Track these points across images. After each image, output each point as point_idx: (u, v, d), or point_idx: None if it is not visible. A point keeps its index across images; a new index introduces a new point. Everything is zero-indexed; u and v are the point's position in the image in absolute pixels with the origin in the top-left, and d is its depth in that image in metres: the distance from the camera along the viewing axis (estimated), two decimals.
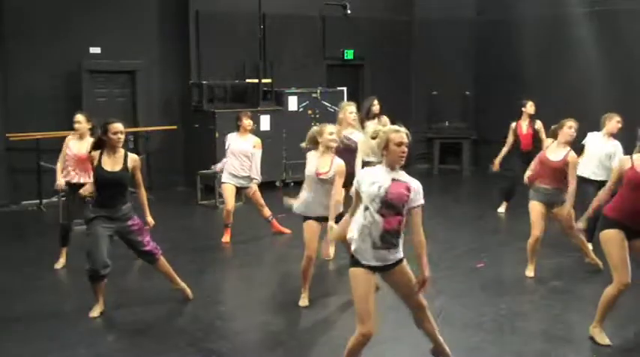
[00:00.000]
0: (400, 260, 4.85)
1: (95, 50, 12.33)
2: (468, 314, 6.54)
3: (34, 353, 5.76)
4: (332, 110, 13.63)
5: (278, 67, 13.67)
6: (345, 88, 14.10)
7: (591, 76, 13.00)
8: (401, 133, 4.73)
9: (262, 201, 9.40)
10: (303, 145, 6.92)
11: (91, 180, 6.83)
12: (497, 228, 10.18)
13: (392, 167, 4.74)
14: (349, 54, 14.87)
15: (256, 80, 13.22)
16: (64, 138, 11.77)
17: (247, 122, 9.28)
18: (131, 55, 12.57)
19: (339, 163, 6.66)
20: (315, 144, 6.75)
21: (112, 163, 6.42)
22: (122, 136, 6.43)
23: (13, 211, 11.46)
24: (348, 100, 14.09)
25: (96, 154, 6.44)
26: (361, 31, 14.74)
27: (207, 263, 8.46)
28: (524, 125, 10.54)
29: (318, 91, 13.67)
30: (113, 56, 12.37)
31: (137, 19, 12.70)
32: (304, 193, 6.78)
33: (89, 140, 7.47)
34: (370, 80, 15.14)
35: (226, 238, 9.24)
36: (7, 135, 11.48)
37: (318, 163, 6.66)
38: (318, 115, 13.44)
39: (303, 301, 6.76)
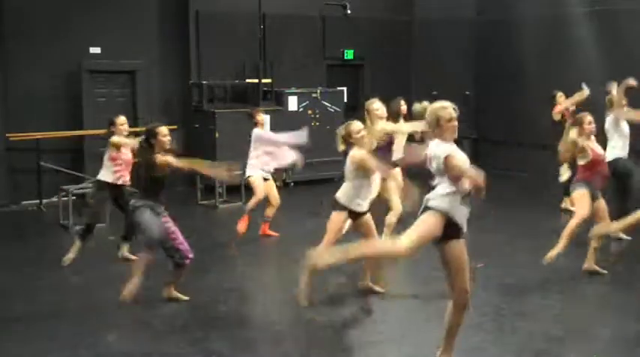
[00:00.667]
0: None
1: (95, 50, 12.34)
2: (468, 314, 6.53)
3: (34, 353, 5.76)
4: (332, 110, 13.66)
5: (278, 67, 13.67)
6: (345, 88, 14.11)
7: (591, 76, 12.99)
8: (449, 109, 4.90)
9: (278, 199, 9.51)
10: (342, 148, 6.88)
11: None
12: (497, 228, 10.17)
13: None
14: (349, 54, 14.87)
15: (256, 80, 13.22)
16: (64, 138, 11.96)
17: (261, 118, 9.56)
18: (131, 55, 12.57)
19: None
20: (349, 144, 6.77)
21: None
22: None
23: (13, 211, 11.46)
24: (349, 100, 14.18)
25: (170, 158, 6.69)
26: (361, 31, 14.74)
27: (208, 263, 8.45)
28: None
29: (318, 91, 13.67)
30: (113, 56, 12.37)
31: (137, 19, 12.70)
32: (370, 188, 6.84)
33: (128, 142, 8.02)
34: (370, 80, 15.14)
35: (243, 226, 9.33)
36: (7, 135, 11.48)
37: None
38: (318, 115, 13.45)
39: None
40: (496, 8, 14.99)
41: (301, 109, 13.42)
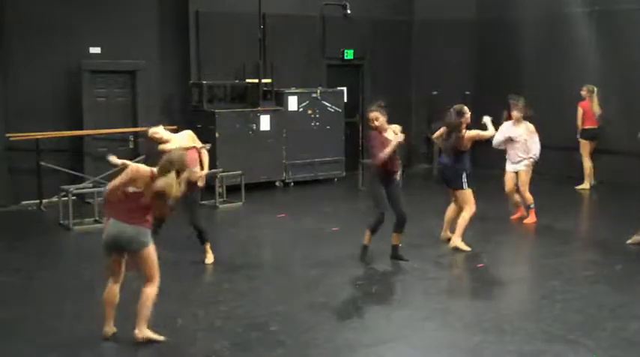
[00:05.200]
0: None
1: (95, 50, 12.32)
2: (468, 314, 6.54)
3: (34, 353, 5.76)
4: (332, 110, 13.65)
5: (278, 67, 13.68)
6: (345, 88, 14.11)
7: (591, 76, 13.00)
8: None
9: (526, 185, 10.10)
10: None
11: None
12: (497, 228, 10.18)
13: None
14: (349, 54, 14.87)
15: (256, 80, 13.22)
16: (64, 138, 11.95)
17: (515, 113, 10.29)
18: (131, 55, 12.56)
19: None
20: None
21: None
22: None
23: (13, 211, 11.46)
24: (349, 100, 14.17)
25: None
26: (361, 31, 14.75)
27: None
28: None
29: (318, 91, 13.67)
30: (113, 56, 12.36)
31: (137, 20, 12.69)
32: None
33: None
34: (370, 80, 15.15)
35: (532, 218, 10.12)
36: (7, 135, 11.48)
37: None
38: (318, 115, 13.46)
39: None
40: (496, 8, 14.98)
41: (301, 109, 13.42)
